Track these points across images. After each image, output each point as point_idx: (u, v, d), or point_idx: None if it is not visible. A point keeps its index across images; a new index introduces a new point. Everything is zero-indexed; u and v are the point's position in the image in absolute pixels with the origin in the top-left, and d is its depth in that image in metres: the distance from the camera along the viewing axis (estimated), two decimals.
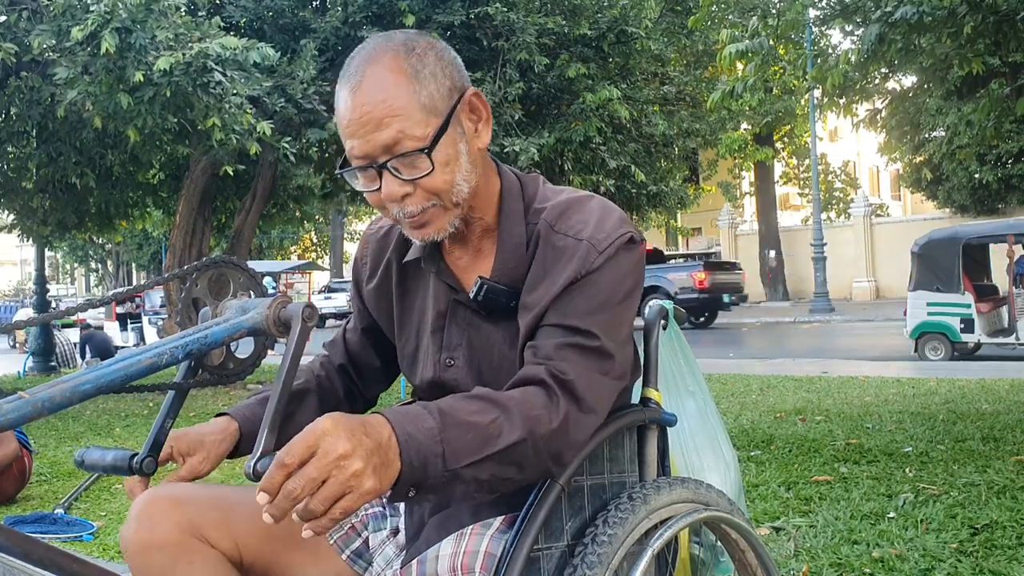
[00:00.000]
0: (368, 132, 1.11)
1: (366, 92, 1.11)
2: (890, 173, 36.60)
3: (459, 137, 1.16)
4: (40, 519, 3.79)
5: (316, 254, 38.12)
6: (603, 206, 1.21)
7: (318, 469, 0.88)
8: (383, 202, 1.16)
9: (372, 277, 1.36)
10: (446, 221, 1.17)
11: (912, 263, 9.77)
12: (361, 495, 0.90)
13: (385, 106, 1.10)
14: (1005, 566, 2.58)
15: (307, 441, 0.89)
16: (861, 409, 5.74)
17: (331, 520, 0.89)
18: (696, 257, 21.41)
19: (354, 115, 1.12)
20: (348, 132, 1.13)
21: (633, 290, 1.18)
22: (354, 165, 1.15)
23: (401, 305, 1.32)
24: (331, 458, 0.88)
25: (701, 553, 1.52)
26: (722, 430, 1.90)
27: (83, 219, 10.65)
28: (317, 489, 0.88)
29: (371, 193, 1.16)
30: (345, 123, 1.14)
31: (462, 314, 1.25)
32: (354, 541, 1.31)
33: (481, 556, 1.11)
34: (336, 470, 0.88)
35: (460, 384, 1.24)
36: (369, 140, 1.11)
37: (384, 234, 1.37)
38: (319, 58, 8.45)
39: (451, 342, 1.25)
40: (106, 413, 7.68)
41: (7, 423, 0.88)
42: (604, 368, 1.13)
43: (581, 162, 10.45)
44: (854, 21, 6.20)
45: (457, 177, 1.15)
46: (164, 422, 1.21)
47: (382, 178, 1.13)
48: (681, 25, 12.63)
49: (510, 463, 1.04)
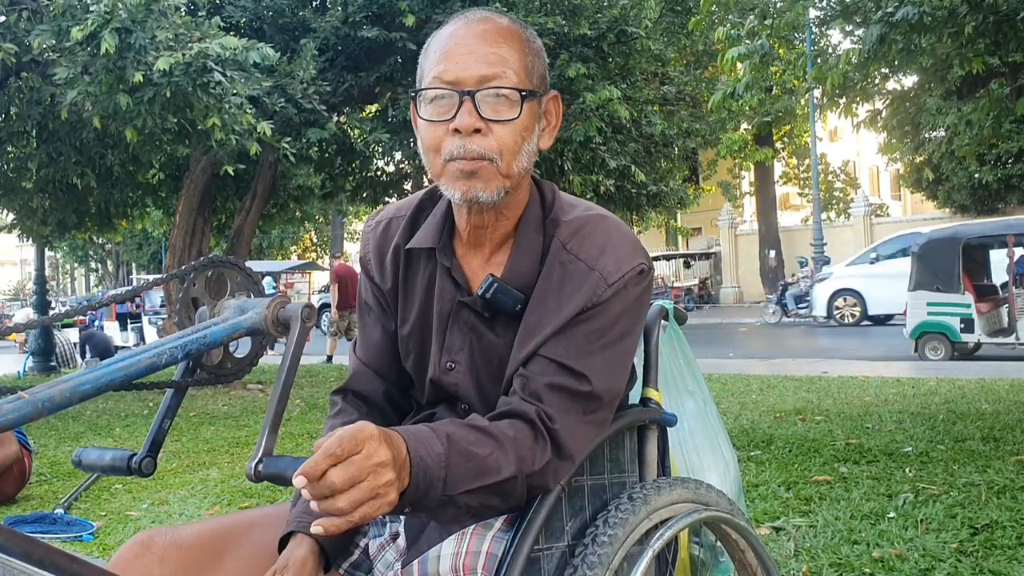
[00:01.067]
0: (470, 60, 1.12)
1: (482, 30, 1.14)
2: (890, 173, 36.59)
3: (537, 119, 1.18)
4: (40, 519, 3.79)
5: (316, 254, 38.11)
6: (618, 230, 1.21)
7: (359, 468, 0.89)
8: (442, 138, 1.13)
9: (382, 271, 1.33)
10: (494, 186, 1.14)
11: (912, 263, 9.77)
12: (383, 504, 0.92)
13: (496, 47, 1.13)
14: (1005, 566, 2.58)
15: (356, 438, 0.90)
16: (861, 409, 5.74)
17: (348, 522, 0.90)
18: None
19: (461, 41, 1.13)
20: (444, 55, 1.14)
21: (635, 324, 1.19)
22: (437, 89, 1.13)
23: (405, 289, 1.30)
24: (372, 462, 0.90)
25: (701, 553, 1.52)
26: (722, 430, 1.90)
27: (83, 219, 10.65)
28: (350, 488, 0.89)
29: (435, 124, 1.14)
30: (444, 48, 1.14)
31: (465, 317, 1.23)
32: (352, 554, 1.28)
33: (483, 556, 1.11)
34: (373, 475, 0.90)
35: (460, 388, 1.23)
36: (467, 67, 1.12)
37: (383, 229, 1.34)
38: (319, 58, 8.44)
39: (452, 345, 1.24)
40: (106, 413, 7.68)
41: (7, 423, 0.88)
42: (589, 410, 1.15)
43: (581, 162, 10.44)
44: (854, 21, 6.20)
45: (523, 148, 1.16)
46: (162, 422, 1.21)
47: (461, 108, 1.12)
48: (681, 25, 12.63)
49: (497, 495, 1.08)
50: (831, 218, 27.44)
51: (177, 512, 3.90)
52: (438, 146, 1.15)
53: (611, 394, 1.18)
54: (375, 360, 1.34)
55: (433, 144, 1.15)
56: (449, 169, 1.14)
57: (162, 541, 1.19)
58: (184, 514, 3.86)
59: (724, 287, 27.19)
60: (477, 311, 1.22)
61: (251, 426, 6.53)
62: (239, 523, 1.29)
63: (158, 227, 14.46)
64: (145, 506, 4.08)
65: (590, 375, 1.13)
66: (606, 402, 1.18)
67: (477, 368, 1.22)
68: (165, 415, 1.21)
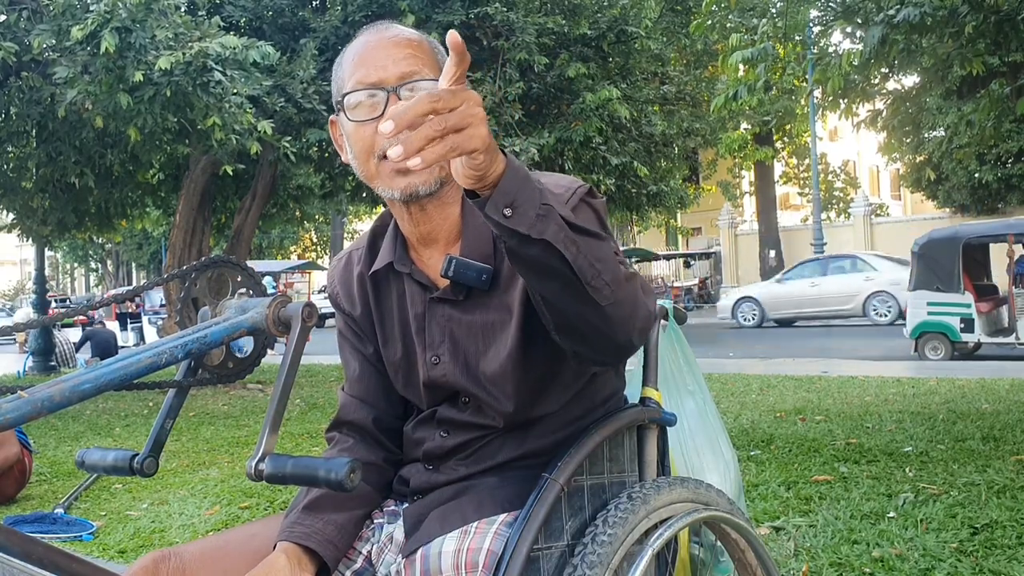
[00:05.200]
0: (388, 62, 1.16)
1: (392, 35, 1.20)
2: (890, 173, 36.60)
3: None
4: (40, 519, 3.79)
5: (316, 254, 38.12)
6: (552, 175, 1.21)
7: (461, 116, 0.83)
8: (372, 138, 1.15)
9: (351, 300, 1.35)
10: (430, 178, 1.16)
11: (912, 263, 9.78)
12: (475, 136, 0.84)
13: (409, 49, 1.18)
14: (1005, 566, 2.58)
15: (461, 94, 0.84)
16: (861, 409, 5.74)
17: (438, 156, 0.83)
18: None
19: (376, 48, 1.18)
20: (362, 60, 1.17)
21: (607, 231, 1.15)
22: (362, 91, 1.17)
23: (379, 312, 1.32)
24: (474, 110, 0.84)
25: (701, 553, 1.52)
26: (722, 430, 1.90)
27: (83, 219, 10.65)
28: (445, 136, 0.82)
29: (365, 124, 1.16)
30: (360, 56, 1.18)
31: (439, 310, 1.24)
32: (355, 562, 1.28)
33: (484, 553, 1.11)
34: (471, 124, 0.84)
35: (449, 379, 1.24)
36: (387, 68, 1.16)
37: (344, 263, 1.37)
38: (319, 57, 8.45)
39: (433, 340, 1.25)
40: (106, 413, 7.68)
41: (7, 423, 0.88)
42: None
43: (581, 162, 10.45)
44: (855, 22, 6.20)
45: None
46: (164, 422, 1.20)
47: (387, 104, 1.15)
48: (681, 25, 12.65)
49: (608, 266, 0.99)
50: (831, 218, 27.45)
51: (177, 512, 3.90)
52: (370, 147, 1.17)
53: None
54: (359, 390, 1.35)
55: (365, 146, 1.18)
56: (384, 167, 1.17)
57: (167, 568, 1.17)
58: (184, 514, 3.86)
59: (724, 287, 27.21)
60: (449, 299, 1.23)
61: (251, 426, 6.53)
62: (241, 537, 1.29)
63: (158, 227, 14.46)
64: (145, 506, 4.09)
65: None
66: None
67: (461, 353, 1.23)
68: (167, 415, 1.21)
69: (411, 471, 1.31)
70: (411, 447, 1.33)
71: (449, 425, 1.27)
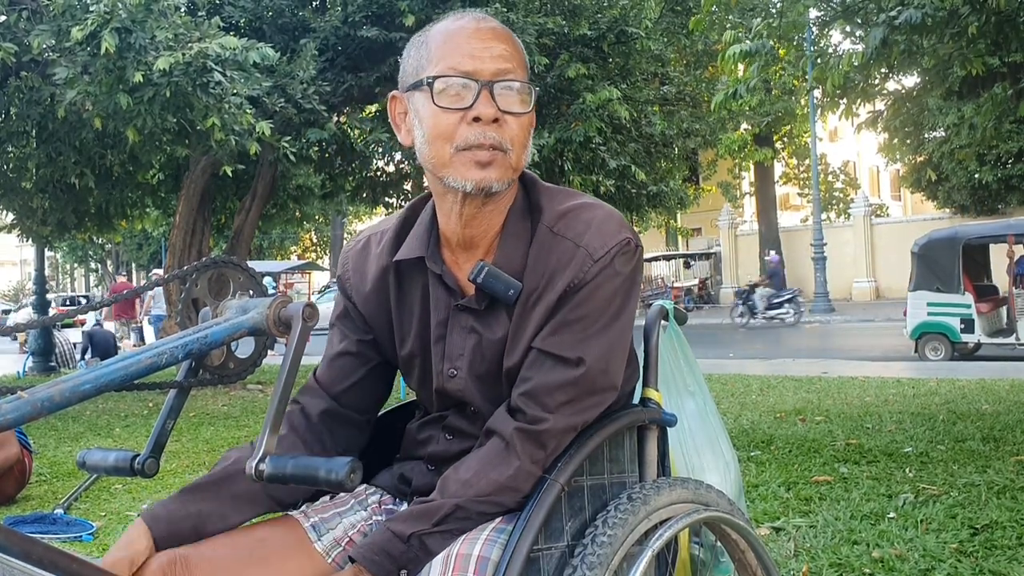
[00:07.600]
0: (484, 54, 1.15)
1: (489, 27, 1.18)
2: (890, 173, 36.59)
3: (532, 119, 1.22)
4: (40, 519, 3.78)
5: (316, 254, 38.12)
6: (603, 210, 1.21)
7: None
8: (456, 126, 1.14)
9: (363, 285, 1.32)
10: (506, 177, 1.16)
11: (912, 263, 9.78)
12: None
13: (504, 44, 1.17)
14: (1005, 566, 2.58)
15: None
16: (861, 409, 5.74)
17: None
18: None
19: (472, 36, 1.16)
20: (457, 46, 1.16)
21: (628, 301, 1.19)
22: (454, 77, 1.14)
23: (399, 306, 1.30)
24: None
25: (701, 553, 1.52)
26: (722, 430, 1.90)
27: (83, 219, 10.64)
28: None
29: (450, 111, 1.14)
30: (454, 40, 1.16)
31: (463, 321, 1.23)
32: (334, 527, 1.27)
33: (473, 560, 1.10)
34: None
35: (465, 395, 1.23)
36: (483, 60, 1.14)
37: (362, 246, 1.34)
38: (319, 58, 8.45)
39: (453, 352, 1.24)
40: (106, 413, 7.68)
41: (7, 423, 0.88)
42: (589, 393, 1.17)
43: (581, 162, 10.45)
44: (855, 22, 6.20)
45: (528, 143, 1.19)
46: (165, 422, 1.21)
47: (479, 98, 1.13)
48: (681, 25, 12.64)
49: (486, 499, 1.14)
50: (831, 218, 27.45)
51: None
52: (451, 134, 1.14)
53: (609, 378, 1.18)
54: (326, 374, 1.33)
55: (444, 132, 1.15)
56: (461, 158, 1.14)
57: (174, 570, 1.14)
58: None
59: (724, 287, 27.20)
60: (473, 309, 1.22)
61: (251, 426, 6.52)
62: (249, 541, 1.28)
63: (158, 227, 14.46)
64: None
65: (587, 358, 1.14)
66: (606, 387, 1.18)
67: (478, 371, 1.22)
68: (168, 416, 1.21)
69: (413, 471, 1.31)
70: (414, 445, 1.33)
71: (456, 431, 1.27)
